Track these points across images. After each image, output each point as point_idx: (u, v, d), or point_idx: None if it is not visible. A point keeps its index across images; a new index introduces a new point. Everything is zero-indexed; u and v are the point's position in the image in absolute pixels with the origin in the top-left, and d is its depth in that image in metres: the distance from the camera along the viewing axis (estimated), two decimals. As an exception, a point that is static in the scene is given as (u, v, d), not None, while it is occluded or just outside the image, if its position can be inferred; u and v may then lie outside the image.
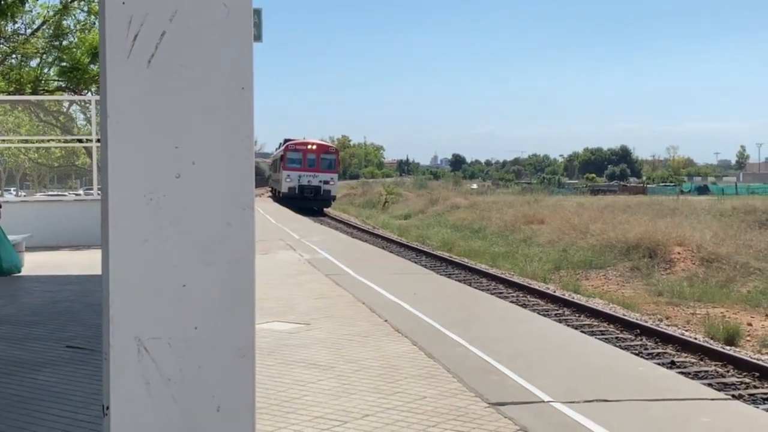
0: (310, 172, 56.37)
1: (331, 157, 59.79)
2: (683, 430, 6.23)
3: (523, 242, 34.06)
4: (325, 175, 57.11)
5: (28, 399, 6.78)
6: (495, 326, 10.38)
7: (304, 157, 57.39)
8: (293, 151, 58.04)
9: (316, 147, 59.52)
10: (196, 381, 2.55)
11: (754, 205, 39.51)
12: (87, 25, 28.62)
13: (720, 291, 20.94)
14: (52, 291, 12.80)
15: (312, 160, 56.92)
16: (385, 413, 6.51)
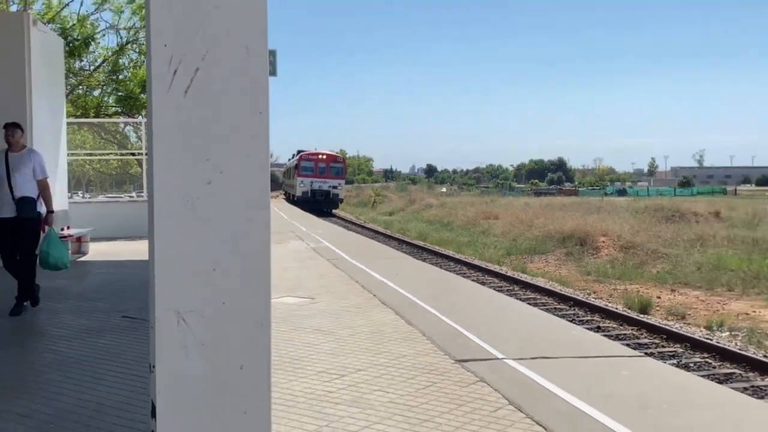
0: (320, 178, 52.66)
1: (339, 166, 55.79)
2: (608, 380, 6.24)
3: (481, 233, 34.11)
4: (334, 181, 53.43)
5: (93, 358, 6.76)
6: (460, 299, 10.38)
7: (316, 165, 53.56)
8: (306, 160, 54.21)
9: (326, 156, 55.34)
10: (223, 345, 2.54)
11: (661, 204, 39.77)
12: (138, 63, 28.56)
13: (635, 271, 21.04)
14: (111, 273, 12.76)
15: (322, 168, 53.16)
16: (374, 368, 6.50)
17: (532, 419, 5.16)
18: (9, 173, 8.23)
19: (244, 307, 2.55)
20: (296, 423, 5.04)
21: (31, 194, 8.35)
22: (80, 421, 4.99)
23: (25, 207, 8.26)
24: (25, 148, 8.53)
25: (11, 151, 8.38)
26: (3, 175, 8.25)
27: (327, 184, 52.77)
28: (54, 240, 8.40)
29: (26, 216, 8.28)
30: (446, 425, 5.02)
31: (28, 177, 8.32)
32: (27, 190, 8.32)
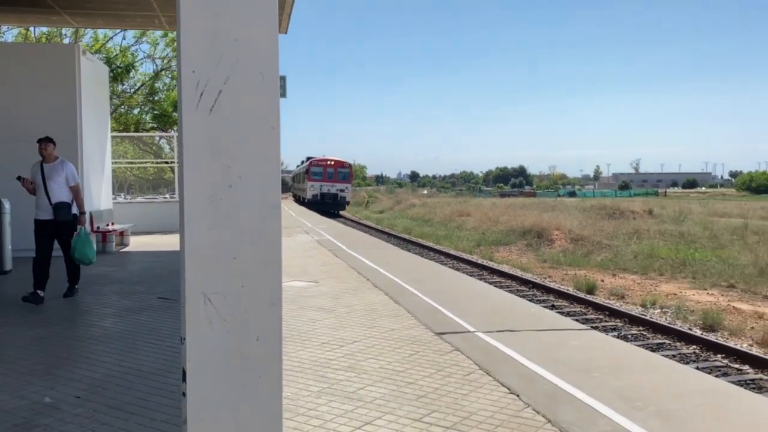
0: (329, 182, 48.04)
1: (345, 171, 50.32)
2: (560, 349, 6.26)
3: (456, 228, 34.12)
4: (341, 185, 48.50)
5: (133, 332, 6.73)
6: (439, 283, 10.39)
7: (325, 170, 48.70)
8: (316, 166, 49.53)
9: (334, 162, 49.82)
10: (242, 321, 2.53)
11: (604, 204, 39.85)
12: (170, 87, 28.48)
13: (583, 259, 21.11)
14: (149, 261, 12.70)
15: (331, 173, 48.31)
16: (367, 340, 6.50)
17: (498, 381, 5.18)
18: (45, 181, 8.16)
19: (259, 289, 2.54)
20: (303, 385, 5.03)
21: (65, 199, 8.26)
22: (123, 384, 4.98)
23: (60, 211, 8.19)
24: (57, 159, 8.41)
25: (45, 162, 8.30)
26: (40, 183, 8.19)
27: (335, 188, 48.26)
28: (82, 238, 8.29)
29: (62, 219, 8.22)
30: (427, 387, 5.02)
31: (61, 184, 8.24)
32: (61, 195, 8.24)
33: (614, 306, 13.02)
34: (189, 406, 2.51)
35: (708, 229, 27.92)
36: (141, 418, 4.26)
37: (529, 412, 4.49)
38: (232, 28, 2.44)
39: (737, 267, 17.90)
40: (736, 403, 4.82)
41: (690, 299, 14.17)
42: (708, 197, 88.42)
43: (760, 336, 10.65)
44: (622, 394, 4.88)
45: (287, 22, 12.95)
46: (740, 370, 8.91)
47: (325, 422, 4.26)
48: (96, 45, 26.61)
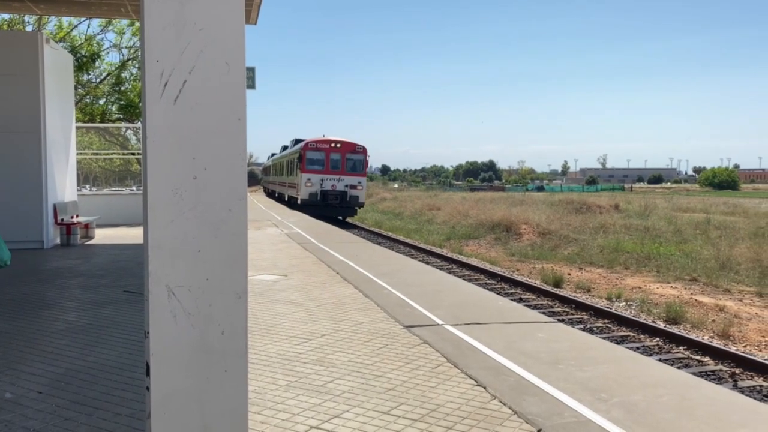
0: (334, 174, 33.27)
1: (358, 158, 34.60)
2: (527, 341, 6.32)
3: (426, 222, 34.24)
4: (352, 178, 33.50)
5: (97, 326, 6.62)
6: (408, 276, 10.42)
7: (327, 157, 33.66)
8: (314, 150, 33.76)
9: (341, 145, 34.17)
10: (207, 314, 2.50)
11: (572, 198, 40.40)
12: (137, 77, 28.02)
13: (550, 253, 21.36)
14: (114, 254, 12.50)
15: (336, 161, 33.60)
16: (336, 333, 6.49)
17: (465, 373, 5.21)
18: None
19: (224, 282, 2.51)
20: (271, 378, 5.00)
21: None
22: (86, 379, 4.89)
23: None
24: None
25: None
26: None
27: (343, 183, 33.28)
28: None
29: None
30: (395, 379, 5.04)
31: None
32: None
33: (580, 299, 13.20)
34: (153, 401, 2.48)
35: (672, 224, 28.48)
36: (105, 413, 4.19)
37: (495, 404, 4.53)
38: (197, 17, 2.40)
39: (700, 261, 18.29)
40: (696, 394, 4.93)
41: (654, 292, 14.44)
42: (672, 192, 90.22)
43: (720, 328, 10.91)
44: (587, 385, 4.95)
45: (257, 13, 12.80)
46: (701, 361, 9.12)
47: (292, 416, 4.25)
48: (60, 33, 26.03)
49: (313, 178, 32.59)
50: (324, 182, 32.48)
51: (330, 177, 32.68)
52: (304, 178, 32.74)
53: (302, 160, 33.15)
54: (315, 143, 33.40)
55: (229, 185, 2.49)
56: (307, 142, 33.69)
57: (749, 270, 17.03)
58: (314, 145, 33.37)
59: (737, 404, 4.80)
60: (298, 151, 34.60)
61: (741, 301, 13.60)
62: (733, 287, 15.08)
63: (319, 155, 33.02)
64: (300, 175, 33.22)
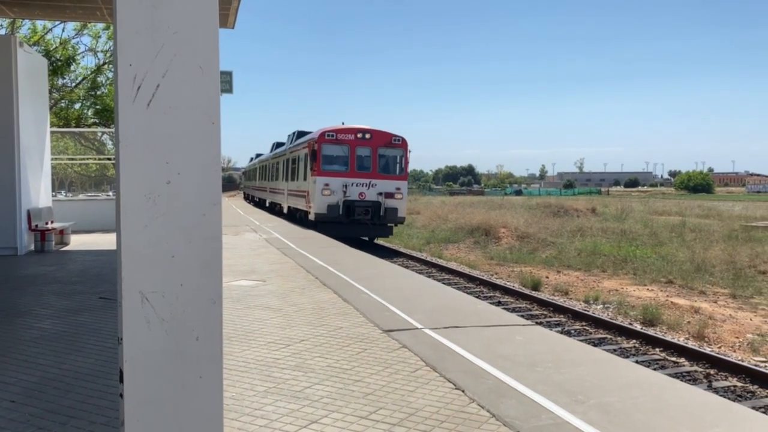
0: (363, 177, 23.35)
1: (396, 153, 24.16)
2: (505, 344, 6.35)
3: (406, 226, 34.30)
4: (388, 182, 23.38)
5: (72, 333, 6.52)
6: (388, 281, 10.42)
7: (352, 153, 23.29)
8: (333, 143, 23.26)
9: (372, 136, 23.63)
10: (181, 320, 2.48)
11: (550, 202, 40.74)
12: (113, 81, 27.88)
13: (529, 256, 21.50)
14: (90, 260, 12.34)
15: (365, 159, 23.59)
16: (315, 338, 6.46)
17: (444, 377, 5.22)
18: None
19: (198, 288, 2.49)
20: (248, 385, 4.97)
21: None
22: (60, 387, 4.82)
23: None
24: None
25: None
26: None
27: (375, 189, 22.93)
28: None
29: None
30: (374, 384, 5.03)
31: None
32: None
33: (558, 302, 13.30)
34: (126, 408, 2.44)
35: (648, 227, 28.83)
36: (79, 422, 4.13)
37: (473, 407, 4.54)
38: (170, 20, 2.39)
39: (675, 263, 18.54)
40: (672, 394, 4.99)
41: (631, 295, 14.59)
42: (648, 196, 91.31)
43: (696, 330, 11.05)
44: (565, 387, 4.99)
45: (234, 17, 12.76)
46: (677, 362, 9.23)
47: (270, 422, 4.22)
48: (34, 37, 25.71)
49: (332, 183, 21.80)
50: (348, 189, 21.82)
51: (357, 181, 22.10)
52: (319, 183, 21.85)
53: (316, 157, 22.10)
54: (334, 133, 22.53)
55: (203, 190, 2.47)
56: (324, 131, 22.65)
57: (723, 272, 17.29)
58: (333, 135, 22.41)
59: (711, 404, 4.87)
60: (306, 146, 23.84)
61: (716, 302, 13.80)
62: (708, 289, 15.30)
63: (340, 150, 22.32)
64: (312, 180, 22.33)
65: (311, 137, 23.45)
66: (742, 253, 20.11)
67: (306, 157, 24.02)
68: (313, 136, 23.32)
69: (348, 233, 21.59)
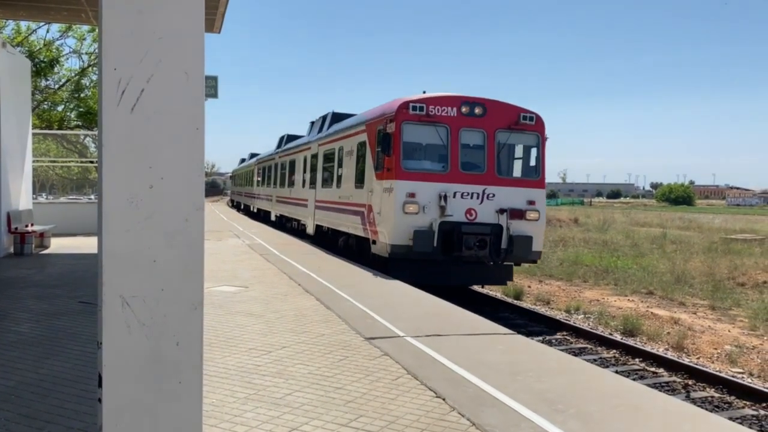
0: (473, 182, 12.34)
1: (526, 141, 13.06)
2: (487, 352, 6.38)
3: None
4: (516, 191, 12.63)
5: (51, 338, 6.45)
6: (370, 288, 10.41)
7: (454, 139, 12.29)
8: (421, 122, 12.22)
9: (487, 111, 12.51)
10: (162, 325, 2.47)
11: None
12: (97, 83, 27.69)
13: (512, 266, 21.52)
14: (70, 263, 12.22)
15: (476, 150, 12.59)
16: (297, 345, 6.45)
17: (425, 385, 5.23)
18: None
19: (180, 293, 2.49)
20: (229, 391, 4.94)
21: None
22: (38, 392, 4.76)
23: None
24: None
25: None
26: None
27: (494, 204, 12.48)
28: None
29: None
30: (355, 392, 5.03)
31: None
32: None
33: (540, 311, 13.36)
34: (105, 413, 2.43)
35: (630, 238, 29.09)
36: (56, 427, 4.08)
37: (454, 416, 4.55)
38: (156, 25, 2.39)
39: (656, 275, 18.71)
40: (650, 404, 5.04)
41: (612, 305, 14.70)
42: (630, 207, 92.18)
43: (675, 340, 11.16)
44: (545, 397, 5.02)
45: (221, 22, 12.74)
46: (656, 373, 9.31)
47: (250, 429, 4.20)
48: (18, 37, 25.49)
49: (421, 191, 12.52)
50: (449, 202, 12.46)
51: (463, 189, 12.70)
52: (398, 192, 12.47)
53: (392, 144, 12.64)
54: (424, 105, 12.70)
55: (186, 195, 2.47)
56: (406, 101, 12.75)
57: (703, 283, 17.48)
58: (422, 108, 12.66)
59: (689, 414, 4.92)
60: (364, 129, 14.64)
61: (695, 314, 13.95)
62: (687, 300, 15.46)
63: (433, 134, 12.79)
64: (382, 186, 13.08)
65: (381, 112, 13.53)
66: (721, 265, 20.35)
67: (360, 149, 14.64)
68: (384, 111, 13.39)
69: (446, 279, 12.60)
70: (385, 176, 12.76)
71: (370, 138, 14.04)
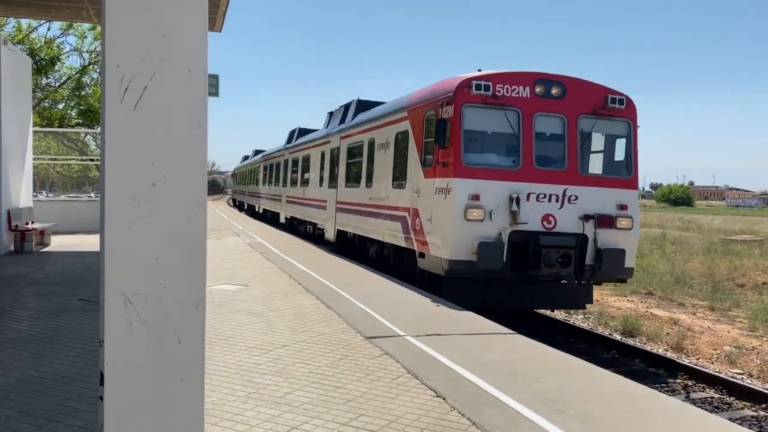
0: (549, 181, 9.91)
1: (615, 129, 10.59)
2: (487, 352, 6.37)
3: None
4: (605, 192, 10.19)
5: (51, 335, 6.45)
6: (371, 289, 10.40)
7: (527, 126, 9.90)
8: (486, 105, 9.75)
9: (567, 91, 10.13)
10: (164, 323, 2.47)
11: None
12: (98, 82, 27.62)
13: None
14: (71, 261, 12.21)
15: (553, 141, 10.20)
16: (297, 344, 6.44)
17: (425, 384, 5.23)
18: None
19: (182, 291, 2.48)
20: (229, 390, 4.94)
21: None
22: (38, 390, 4.76)
23: None
24: None
25: None
26: None
27: (576, 208, 10.02)
28: None
29: None
30: (355, 391, 5.02)
31: None
32: None
33: (540, 312, 13.33)
34: (106, 411, 2.43)
35: (629, 239, 28.97)
36: (56, 425, 4.08)
37: (454, 415, 4.55)
38: (158, 23, 2.39)
39: (656, 275, 18.70)
40: (650, 405, 5.04)
41: (611, 305, 14.70)
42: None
43: (675, 341, 11.16)
44: (545, 396, 5.01)
45: (222, 21, 12.74)
46: (656, 373, 9.30)
47: (250, 427, 4.20)
48: (19, 35, 25.48)
49: (486, 191, 9.81)
50: (522, 206, 9.81)
51: (538, 189, 10.07)
52: (459, 191, 9.76)
53: (450, 133, 9.97)
54: (490, 83, 9.96)
55: (188, 193, 2.47)
56: (468, 78, 10.04)
57: (702, 284, 17.48)
58: (487, 87, 9.94)
59: (689, 415, 4.92)
60: (414, 113, 11.76)
61: (694, 314, 13.95)
62: (687, 301, 15.46)
63: (501, 121, 10.13)
64: (436, 184, 10.39)
65: (431, 94, 11.06)
66: (720, 266, 20.35)
67: (400, 141, 12.28)
68: (435, 92, 10.87)
69: (515, 303, 10.42)
70: (438, 173, 10.22)
71: (414, 127, 11.50)
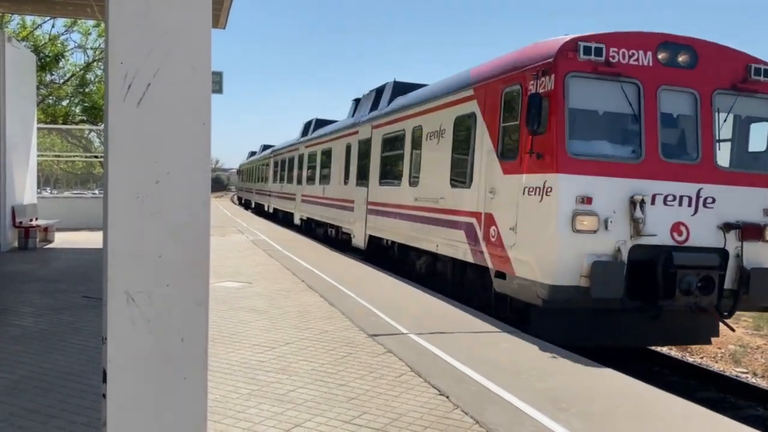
0: (678, 178, 7.14)
1: (763, 109, 7.72)
2: (491, 350, 6.36)
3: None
4: (748, 192, 7.43)
5: (55, 332, 6.46)
6: (374, 285, 10.40)
7: (650, 105, 7.18)
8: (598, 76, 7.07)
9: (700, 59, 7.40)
10: (167, 321, 2.47)
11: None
12: (102, 79, 27.68)
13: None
14: (74, 258, 12.24)
15: (682, 123, 7.55)
16: (300, 342, 6.44)
17: (429, 383, 5.22)
18: None
19: (185, 289, 2.48)
20: (232, 387, 4.94)
21: None
22: (41, 386, 4.77)
23: None
24: None
25: None
26: None
27: (713, 214, 7.36)
28: None
29: None
30: (358, 389, 5.02)
31: None
32: None
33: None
34: (109, 408, 2.43)
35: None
36: (60, 422, 4.08)
37: (458, 414, 4.54)
38: (163, 20, 2.38)
39: None
40: (654, 404, 5.02)
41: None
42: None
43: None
44: (548, 395, 5.00)
45: (225, 18, 12.73)
46: (659, 372, 9.28)
47: (254, 425, 4.20)
48: (23, 32, 25.52)
49: (598, 190, 7.11)
50: (647, 212, 7.14)
51: (665, 189, 7.32)
52: (564, 191, 7.07)
53: (548, 113, 7.25)
54: (602, 45, 7.22)
55: (192, 190, 2.46)
56: (573, 39, 7.28)
57: None
58: (599, 51, 7.22)
59: (693, 414, 4.91)
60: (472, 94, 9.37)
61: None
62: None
63: (615, 95, 7.34)
64: (534, 183, 7.49)
65: (515, 62, 8.45)
66: None
67: (462, 127, 9.88)
68: (522, 58, 8.29)
69: (631, 339, 8.27)
70: (527, 168, 7.68)
71: (485, 107, 8.89)
